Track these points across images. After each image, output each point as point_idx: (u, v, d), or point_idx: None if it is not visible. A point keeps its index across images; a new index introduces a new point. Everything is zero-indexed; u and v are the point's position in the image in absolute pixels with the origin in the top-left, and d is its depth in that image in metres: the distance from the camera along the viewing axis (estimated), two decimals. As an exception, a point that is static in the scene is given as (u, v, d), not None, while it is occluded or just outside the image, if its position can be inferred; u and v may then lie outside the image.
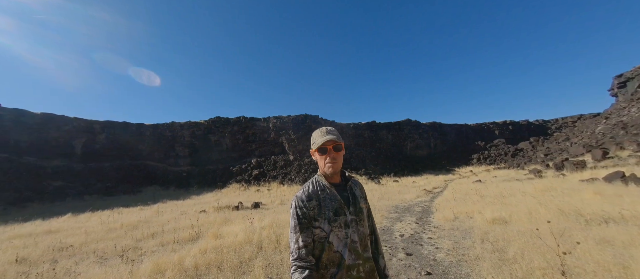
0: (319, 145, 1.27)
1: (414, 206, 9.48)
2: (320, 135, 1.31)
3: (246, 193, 21.62)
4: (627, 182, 8.40)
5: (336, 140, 1.28)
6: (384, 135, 44.68)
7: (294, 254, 1.18)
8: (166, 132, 35.66)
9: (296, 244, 1.19)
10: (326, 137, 1.27)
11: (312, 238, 1.20)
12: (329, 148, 1.27)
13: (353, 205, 1.27)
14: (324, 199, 1.25)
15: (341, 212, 1.23)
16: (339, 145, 1.30)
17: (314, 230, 1.21)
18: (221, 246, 4.85)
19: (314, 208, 1.23)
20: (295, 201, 1.26)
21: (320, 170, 1.34)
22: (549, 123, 50.29)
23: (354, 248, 1.20)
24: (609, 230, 4.14)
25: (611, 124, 22.73)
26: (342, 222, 1.22)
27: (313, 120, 38.28)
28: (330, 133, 1.29)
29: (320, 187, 1.28)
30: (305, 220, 1.21)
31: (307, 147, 34.72)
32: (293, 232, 1.22)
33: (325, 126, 1.38)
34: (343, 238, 1.20)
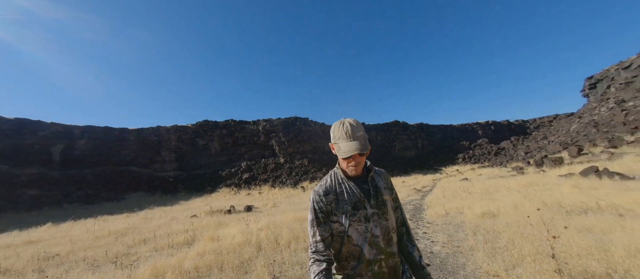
0: (346, 154, 1.14)
1: (406, 205, 9.70)
2: (345, 138, 1.16)
3: (237, 197, 21.29)
4: (600, 176, 9.02)
5: (365, 149, 1.14)
6: (373, 137, 45.32)
7: (311, 248, 1.19)
8: (151, 136, 34.56)
9: (314, 238, 1.19)
10: (353, 144, 1.14)
11: (330, 232, 1.19)
12: (355, 155, 1.16)
13: (374, 198, 1.21)
14: (342, 193, 1.21)
15: (361, 206, 1.18)
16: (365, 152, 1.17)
17: (332, 224, 1.19)
18: (219, 248, 4.81)
19: (330, 203, 1.20)
20: (312, 196, 1.24)
21: (339, 164, 1.26)
22: (527, 123, 52.83)
23: (376, 242, 1.16)
24: (588, 219, 4.46)
25: (584, 123, 24.25)
26: (361, 216, 1.17)
27: (303, 122, 38.31)
28: (357, 139, 1.15)
29: (338, 181, 1.25)
30: (322, 214, 1.20)
31: (297, 150, 34.69)
32: (310, 226, 1.22)
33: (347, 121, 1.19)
34: (363, 232, 1.16)
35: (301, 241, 5.04)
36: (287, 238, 5.17)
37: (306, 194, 19.40)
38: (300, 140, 35.43)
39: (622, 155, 12.55)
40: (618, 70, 27.29)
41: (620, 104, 22.29)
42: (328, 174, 1.32)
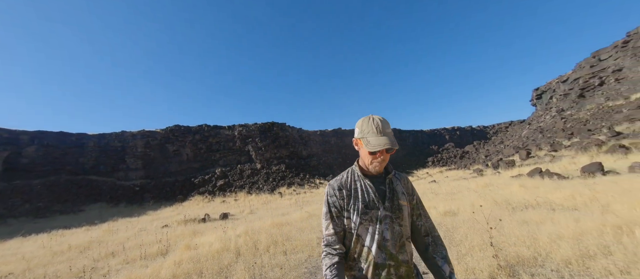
0: (374, 148, 1.12)
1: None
2: (375, 133, 1.14)
3: (211, 205, 20.56)
4: (543, 176, 10.37)
5: (394, 144, 1.12)
6: (349, 141, 46.46)
7: (324, 241, 1.19)
8: (114, 142, 32.10)
9: (326, 231, 1.19)
10: (382, 139, 1.12)
11: (343, 227, 1.19)
12: (382, 151, 1.14)
13: (390, 201, 1.18)
14: (356, 190, 1.20)
15: (373, 206, 1.16)
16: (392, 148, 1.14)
17: (345, 219, 1.18)
18: (197, 256, 4.81)
19: (343, 198, 1.19)
20: (327, 189, 1.24)
21: (361, 161, 1.24)
22: (488, 129, 57.83)
23: (385, 246, 1.13)
24: (528, 213, 5.24)
25: (532, 129, 27.33)
26: (373, 216, 1.15)
27: (280, 127, 38.18)
28: (387, 135, 1.14)
29: (355, 178, 1.23)
30: (334, 209, 1.20)
31: (275, 155, 34.41)
32: (323, 219, 1.22)
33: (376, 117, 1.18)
34: (372, 233, 1.14)
35: (280, 245, 5.21)
36: (266, 243, 5.32)
37: (284, 200, 19.36)
38: (278, 146, 35.23)
39: (561, 158, 14.45)
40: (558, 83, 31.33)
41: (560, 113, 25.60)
42: (346, 169, 1.31)
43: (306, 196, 19.79)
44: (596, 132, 16.42)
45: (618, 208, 4.72)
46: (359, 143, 1.22)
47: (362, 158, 1.23)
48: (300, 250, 4.82)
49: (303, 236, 5.65)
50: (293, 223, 7.68)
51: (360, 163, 1.25)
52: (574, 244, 3.23)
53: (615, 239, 3.26)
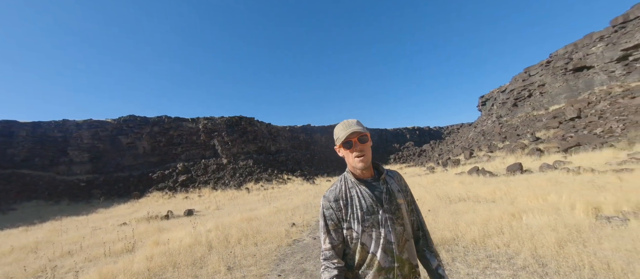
0: (343, 138, 1.16)
1: (343, 201, 11.15)
2: (343, 128, 1.19)
3: (173, 202, 19.65)
4: (478, 174, 12.27)
5: (361, 131, 1.15)
6: (318, 138, 47.43)
7: (322, 255, 1.17)
8: (53, 132, 28.34)
9: (324, 245, 1.16)
10: (349, 129, 1.16)
11: (341, 239, 1.16)
12: (354, 141, 1.16)
13: (388, 202, 1.16)
14: (353, 198, 1.17)
15: (373, 211, 1.14)
16: (364, 136, 1.17)
17: (344, 230, 1.16)
18: (168, 250, 5.01)
19: (340, 209, 1.16)
20: (322, 202, 1.21)
21: (349, 166, 1.23)
22: (443, 129, 63.76)
23: (390, 249, 1.11)
24: (459, 205, 6.44)
25: (477, 132, 31.20)
26: (374, 221, 1.13)
27: (248, 122, 37.42)
28: (353, 125, 1.17)
29: (349, 185, 1.21)
30: (331, 222, 1.17)
31: (242, 150, 33.77)
32: (321, 232, 1.19)
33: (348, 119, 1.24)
34: (376, 238, 1.12)
35: (250, 238, 5.63)
36: (237, 236, 5.69)
37: (251, 195, 19.39)
38: (245, 141, 34.57)
39: (495, 158, 17.03)
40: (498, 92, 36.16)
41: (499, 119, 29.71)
42: (339, 178, 1.28)
43: (274, 192, 20.07)
44: (523, 137, 19.60)
45: (520, 200, 6.13)
46: (339, 148, 1.23)
47: (348, 163, 1.22)
48: (270, 241, 5.32)
49: (272, 229, 6.14)
50: (262, 218, 8.09)
51: (350, 169, 1.23)
52: (481, 228, 4.29)
53: (508, 223, 4.40)
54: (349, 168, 1.24)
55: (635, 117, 14.36)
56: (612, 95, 18.74)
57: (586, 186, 6.42)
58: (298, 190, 20.12)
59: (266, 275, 3.68)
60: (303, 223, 6.82)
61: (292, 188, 22.52)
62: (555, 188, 6.77)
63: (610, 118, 15.78)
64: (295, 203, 11.20)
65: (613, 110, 16.82)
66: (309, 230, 6.27)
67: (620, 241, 3.26)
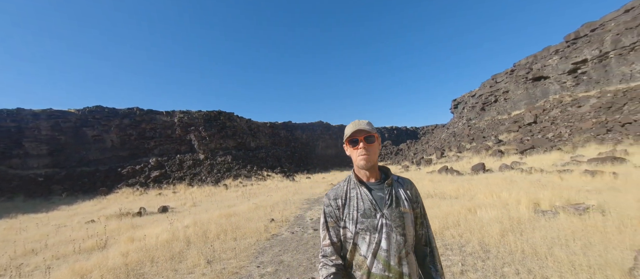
0: (349, 135, 1.18)
1: (322, 198, 11.50)
2: (352, 126, 1.20)
3: (145, 198, 18.81)
4: (447, 173, 13.25)
5: (368, 130, 1.16)
6: (299, 135, 47.49)
7: (321, 251, 1.19)
8: (6, 121, 25.69)
9: (323, 242, 1.18)
10: (357, 127, 1.18)
11: (338, 238, 1.17)
12: (360, 139, 1.17)
13: (389, 208, 1.13)
14: (352, 198, 1.18)
15: (370, 214, 1.12)
16: (371, 136, 1.17)
17: (341, 229, 1.17)
18: (145, 246, 5.00)
19: (339, 208, 1.18)
20: (324, 199, 1.23)
21: (354, 164, 1.24)
22: (419, 130, 66.74)
23: (383, 257, 1.09)
24: (427, 201, 7.05)
25: (449, 133, 33.22)
26: (370, 225, 1.11)
27: (227, 117, 36.51)
28: (362, 124, 1.19)
29: (351, 185, 1.21)
30: (331, 219, 1.19)
31: (220, 146, 32.96)
32: (321, 229, 1.21)
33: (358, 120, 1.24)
34: (369, 243, 1.11)
35: (229, 233, 5.76)
36: (216, 232, 5.79)
37: (229, 192, 19.13)
38: (224, 136, 33.74)
39: (462, 158, 18.40)
40: (469, 96, 38.72)
41: (468, 121, 31.89)
42: (344, 178, 1.31)
43: (253, 189, 19.98)
44: (487, 139, 21.31)
45: (479, 197, 6.87)
46: (346, 147, 1.24)
47: (353, 162, 1.23)
48: (249, 236, 5.49)
49: (251, 225, 6.30)
50: (241, 214, 8.18)
51: (355, 169, 1.24)
52: (442, 221, 4.83)
53: (465, 217, 5.00)
54: (354, 167, 1.25)
55: (580, 124, 16.28)
56: (563, 104, 20.98)
57: (533, 185, 7.33)
58: (278, 186, 20.20)
59: (245, 267, 3.89)
60: (282, 219, 7.05)
61: (272, 184, 22.52)
62: (508, 186, 7.63)
63: (560, 125, 17.71)
64: (275, 200, 11.36)
65: (563, 117, 18.86)
66: (288, 225, 6.52)
67: (548, 231, 3.91)
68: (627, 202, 4.51)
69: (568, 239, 3.47)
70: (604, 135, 13.60)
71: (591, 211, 4.23)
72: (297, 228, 6.16)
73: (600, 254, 2.91)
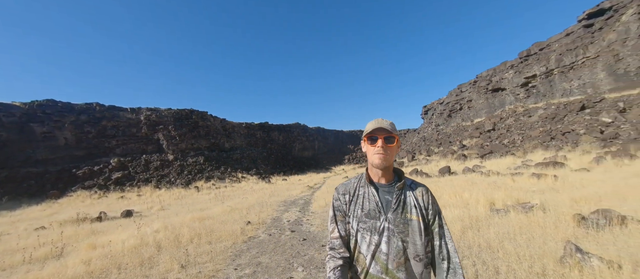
0: (369, 131, 1.16)
1: (298, 200, 11.57)
2: (373, 123, 1.18)
3: (105, 202, 17.30)
4: (417, 175, 14.06)
5: (389, 130, 1.14)
6: (275, 136, 46.92)
7: (329, 244, 1.20)
8: None
9: (331, 235, 1.21)
10: (378, 125, 1.15)
11: (346, 231, 1.19)
12: (380, 137, 1.14)
13: (395, 212, 1.12)
14: (359, 196, 1.19)
15: (374, 215, 1.13)
16: (391, 136, 1.14)
17: (347, 224, 1.19)
18: (110, 253, 4.69)
19: (346, 203, 1.20)
20: (334, 193, 1.26)
21: (368, 162, 1.23)
22: (392, 134, 69.55)
23: (382, 260, 1.09)
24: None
25: (420, 137, 35.20)
26: (372, 226, 1.12)
27: (200, 116, 34.94)
28: (384, 123, 1.16)
29: (361, 184, 1.22)
30: (339, 213, 1.21)
31: (192, 146, 31.43)
32: (329, 222, 1.24)
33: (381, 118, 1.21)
34: (369, 243, 1.12)
35: (204, 236, 5.61)
36: (189, 236, 5.60)
37: (201, 195, 18.34)
38: (196, 136, 32.21)
39: (431, 161, 19.64)
40: (438, 104, 41.46)
41: (437, 127, 34.12)
42: (356, 175, 1.31)
43: (227, 191, 19.37)
44: (453, 144, 23.00)
45: (444, 197, 7.44)
46: (364, 143, 1.23)
47: (368, 160, 1.21)
48: (225, 239, 5.41)
49: (227, 228, 6.19)
50: (215, 217, 7.97)
51: (368, 168, 1.25)
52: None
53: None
54: (368, 165, 1.24)
55: (530, 132, 18.29)
56: (516, 113, 23.40)
57: (490, 186, 8.14)
58: (253, 188, 19.80)
59: (222, 270, 3.86)
60: (258, 221, 7.01)
61: (247, 187, 22.01)
62: (470, 187, 8.37)
63: (514, 132, 19.73)
64: (250, 202, 11.19)
65: (516, 125, 21.05)
66: (265, 227, 6.51)
67: (501, 227, 4.43)
68: (563, 201, 5.25)
69: (516, 234, 3.97)
70: (549, 142, 15.47)
71: (535, 210, 4.86)
72: (275, 230, 6.19)
73: (539, 246, 3.40)
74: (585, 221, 3.94)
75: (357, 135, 64.40)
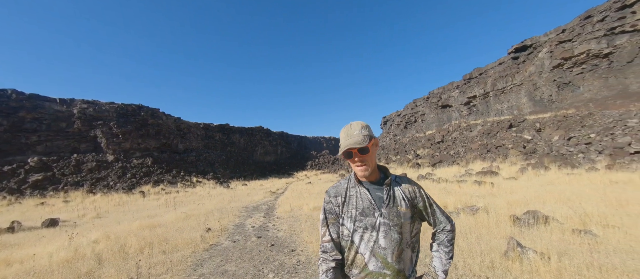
0: (343, 150, 1.16)
1: (261, 205, 11.17)
2: (344, 137, 1.18)
3: (18, 209, 14.21)
4: (377, 181, 14.88)
5: (359, 143, 1.12)
6: (236, 139, 44.80)
7: (321, 247, 1.20)
8: None
9: (323, 238, 1.20)
10: (349, 140, 1.15)
11: (338, 234, 1.19)
12: (355, 152, 1.15)
13: (387, 207, 1.16)
14: (351, 197, 1.20)
15: (369, 213, 1.15)
16: (364, 147, 1.14)
17: (340, 226, 1.19)
18: (33, 269, 3.86)
19: (339, 205, 1.20)
20: (325, 196, 1.25)
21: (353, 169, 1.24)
22: (353, 142, 72.40)
23: (381, 255, 1.12)
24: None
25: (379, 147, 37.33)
26: (368, 223, 1.14)
27: (151, 113, 31.50)
28: (354, 136, 1.15)
29: (351, 184, 1.23)
30: (331, 216, 1.21)
31: (139, 146, 28.08)
32: (321, 225, 1.23)
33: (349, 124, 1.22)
34: (367, 240, 1.13)
35: (156, 246, 5.01)
36: (138, 246, 4.95)
37: (147, 201, 16.39)
38: (144, 135, 28.86)
39: (389, 168, 20.89)
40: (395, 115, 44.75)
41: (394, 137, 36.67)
42: (346, 177, 1.32)
43: (180, 196, 17.69)
44: (408, 153, 24.93)
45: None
46: (341, 156, 1.22)
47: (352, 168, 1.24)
48: (183, 248, 4.91)
49: (184, 236, 5.64)
50: (168, 225, 7.21)
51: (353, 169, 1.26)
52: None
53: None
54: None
55: (471, 145, 20.87)
56: (460, 128, 26.53)
57: (442, 192, 9.03)
58: (210, 194, 18.46)
59: (182, 281, 3.49)
60: (220, 228, 6.55)
61: (203, 192, 20.42)
62: (425, 192, 9.18)
63: (459, 144, 22.31)
64: (208, 208, 10.41)
65: (460, 138, 23.84)
66: (227, 234, 6.11)
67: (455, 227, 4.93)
68: (501, 205, 6.10)
69: (467, 233, 4.47)
70: (485, 154, 17.87)
71: (480, 211, 5.55)
72: (239, 236, 5.85)
73: (487, 242, 3.88)
74: (519, 220, 4.64)
75: (319, 142, 65.34)
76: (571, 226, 4.23)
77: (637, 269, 2.67)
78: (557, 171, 10.75)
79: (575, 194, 6.49)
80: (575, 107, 19.78)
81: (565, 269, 2.76)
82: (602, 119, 15.35)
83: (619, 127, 13.54)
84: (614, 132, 13.27)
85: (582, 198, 5.97)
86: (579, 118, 16.93)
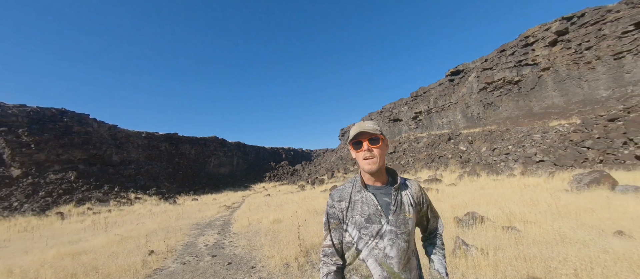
0: (351, 137, 1.12)
1: (215, 221, 10.30)
2: (355, 127, 1.15)
3: None
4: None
5: (372, 131, 1.10)
6: (186, 150, 41.01)
7: (322, 251, 1.16)
8: None
9: (325, 242, 1.16)
10: (360, 128, 1.12)
11: (340, 239, 1.14)
12: (364, 141, 1.10)
13: (394, 214, 1.09)
14: (356, 202, 1.13)
15: (375, 220, 1.08)
16: (376, 137, 1.10)
17: (343, 232, 1.14)
18: None
19: (342, 211, 1.14)
20: (329, 200, 1.19)
21: (360, 167, 1.18)
22: (313, 152, 73.00)
23: (387, 264, 1.05)
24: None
25: (337, 157, 38.40)
26: (374, 231, 1.07)
27: (77, 119, 26.81)
28: (366, 125, 1.13)
29: (356, 188, 1.17)
30: (333, 220, 1.16)
31: (58, 158, 23.48)
32: (323, 229, 1.19)
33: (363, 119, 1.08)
34: (373, 248, 1.07)
35: (81, 277, 4.16)
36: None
37: (68, 224, 13.62)
38: (67, 144, 24.27)
39: (348, 178, 21.66)
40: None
41: (352, 148, 38.36)
42: (350, 179, 1.25)
43: (112, 216, 15.16)
44: (365, 163, 26.24)
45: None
46: (350, 148, 1.18)
47: (359, 166, 1.17)
48: (118, 277, 4.17)
49: (118, 262, 4.81)
50: (97, 250, 6.09)
51: (361, 172, 1.20)
52: (339, 232, 5.51)
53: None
54: (361, 173, 1.19)
55: (418, 155, 23.02)
56: (409, 140, 29.14)
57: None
58: (152, 211, 16.25)
59: (118, 317, 2.93)
60: (166, 249, 5.79)
61: (143, 210, 17.87)
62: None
63: (408, 155, 24.39)
64: (150, 228, 9.16)
65: (410, 149, 26.13)
66: (175, 255, 5.44)
67: (409, 231, 5.29)
68: (446, 208, 6.79)
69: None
70: (430, 163, 19.91)
71: (430, 215, 6.09)
72: (189, 257, 5.25)
73: (437, 243, 4.25)
74: (461, 221, 5.21)
75: (278, 153, 64.16)
76: (501, 224, 4.93)
77: (551, 256, 3.23)
78: (487, 178, 12.54)
79: (502, 196, 7.63)
80: (497, 123, 23.67)
81: (500, 261, 3.18)
82: (516, 134, 18.64)
83: (527, 141, 16.61)
84: (525, 145, 16.22)
85: (507, 200, 7.05)
86: (500, 132, 20.25)
